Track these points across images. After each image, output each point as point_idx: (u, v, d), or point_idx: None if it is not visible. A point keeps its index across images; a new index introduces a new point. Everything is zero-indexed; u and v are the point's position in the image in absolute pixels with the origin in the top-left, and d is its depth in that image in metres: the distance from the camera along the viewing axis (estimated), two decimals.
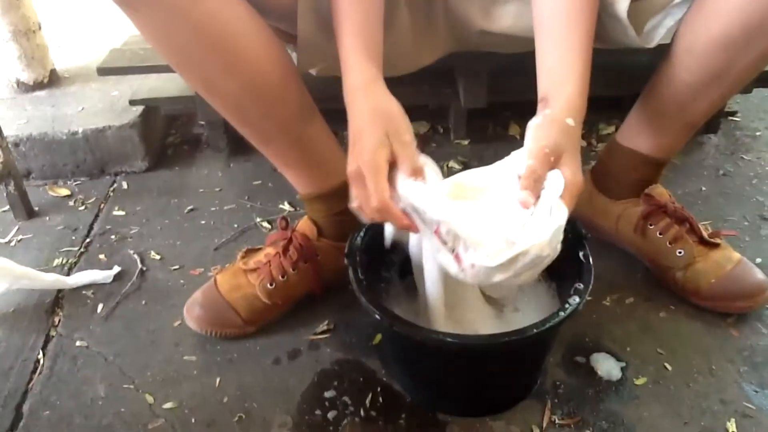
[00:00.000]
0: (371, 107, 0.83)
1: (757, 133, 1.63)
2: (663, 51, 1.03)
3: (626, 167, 1.14)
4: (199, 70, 0.89)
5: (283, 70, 0.93)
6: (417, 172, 0.80)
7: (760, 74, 1.13)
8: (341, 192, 1.05)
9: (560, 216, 0.77)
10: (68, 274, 1.24)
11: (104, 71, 1.41)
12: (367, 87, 0.84)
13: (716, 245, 1.10)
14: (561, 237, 0.77)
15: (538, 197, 0.78)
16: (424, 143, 1.61)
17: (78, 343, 1.09)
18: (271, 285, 1.07)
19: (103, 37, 1.85)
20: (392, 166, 0.80)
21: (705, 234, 1.10)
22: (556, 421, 0.93)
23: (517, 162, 0.81)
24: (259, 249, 1.13)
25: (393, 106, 0.83)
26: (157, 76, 1.53)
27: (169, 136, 1.70)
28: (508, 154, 0.84)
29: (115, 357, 1.07)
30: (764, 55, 0.92)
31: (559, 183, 0.78)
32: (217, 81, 0.89)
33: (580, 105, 0.85)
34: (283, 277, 1.07)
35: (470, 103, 1.45)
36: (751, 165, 1.51)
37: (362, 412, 0.95)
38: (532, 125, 0.82)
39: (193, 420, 0.96)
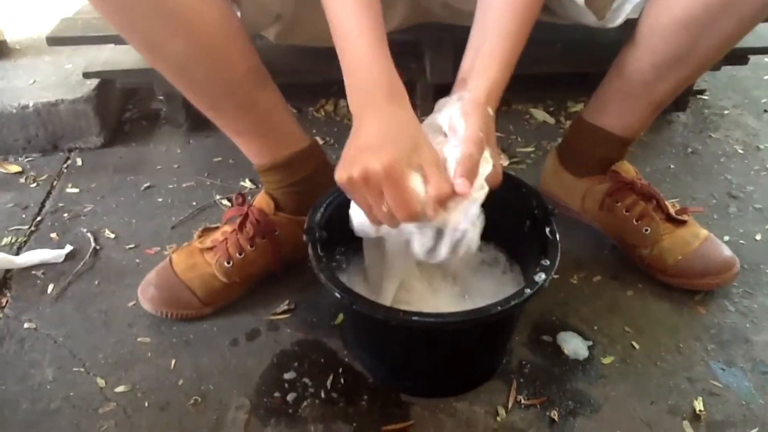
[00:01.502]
0: (395, 111, 0.78)
1: (725, 112, 1.62)
2: (631, 28, 1.00)
3: (591, 145, 1.12)
4: (142, 31, 0.84)
5: (227, 29, 0.88)
6: (444, 199, 0.76)
7: (728, 52, 1.13)
8: (296, 162, 1.03)
9: (481, 195, 0.79)
10: (17, 254, 1.18)
11: (54, 41, 1.35)
12: (393, 90, 0.79)
13: (683, 222, 1.09)
14: (477, 212, 0.79)
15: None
16: None
17: (26, 325, 1.04)
18: (228, 263, 1.03)
19: (57, 9, 1.78)
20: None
21: (672, 211, 1.09)
22: (522, 401, 0.91)
23: (443, 116, 0.82)
24: (216, 227, 1.10)
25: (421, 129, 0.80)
26: (113, 48, 1.48)
27: (126, 111, 1.64)
28: None
29: (65, 339, 1.02)
30: (727, 37, 0.91)
31: (487, 166, 0.80)
32: (160, 41, 0.84)
33: (499, 94, 0.85)
34: (240, 254, 1.04)
35: (437, 78, 1.41)
36: (719, 143, 1.50)
37: (323, 394, 0.93)
38: (457, 109, 0.81)
39: (146, 404, 0.92)
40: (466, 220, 0.77)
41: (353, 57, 0.79)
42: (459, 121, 0.79)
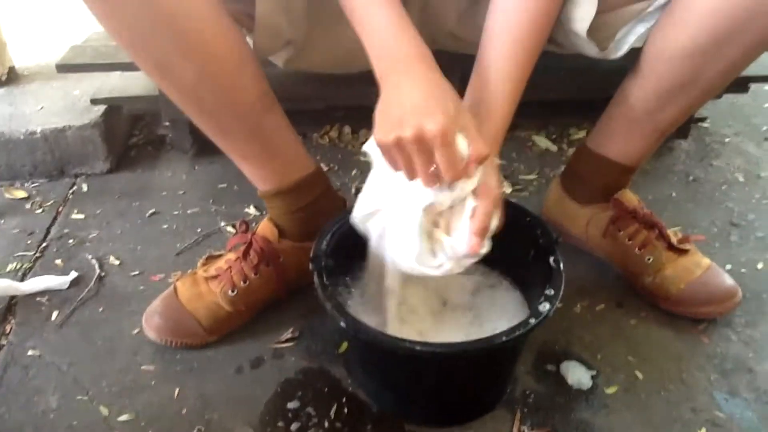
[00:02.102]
0: (434, 76, 0.78)
1: (727, 139, 1.63)
2: (635, 55, 1.02)
3: (595, 173, 1.13)
4: (153, 54, 0.84)
5: (239, 55, 0.89)
6: (482, 160, 0.78)
7: None
8: (301, 188, 1.04)
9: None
10: (22, 280, 1.19)
11: (64, 68, 1.36)
12: (427, 57, 0.80)
13: (685, 251, 1.09)
14: None
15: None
16: None
17: (30, 353, 1.04)
18: (232, 292, 1.03)
19: (65, 35, 1.80)
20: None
21: (674, 240, 1.09)
22: (526, 431, 0.91)
23: None
24: (220, 255, 1.10)
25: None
26: (120, 75, 1.49)
27: (132, 136, 1.65)
28: None
29: (69, 366, 1.02)
30: (732, 66, 0.92)
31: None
32: (171, 65, 0.85)
33: (500, 141, 0.88)
34: (244, 282, 1.04)
35: None
36: (720, 171, 1.51)
37: (326, 423, 0.92)
38: None
39: None
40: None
41: (377, 28, 0.80)
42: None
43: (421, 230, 0.81)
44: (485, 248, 0.80)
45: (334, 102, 1.45)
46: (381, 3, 0.80)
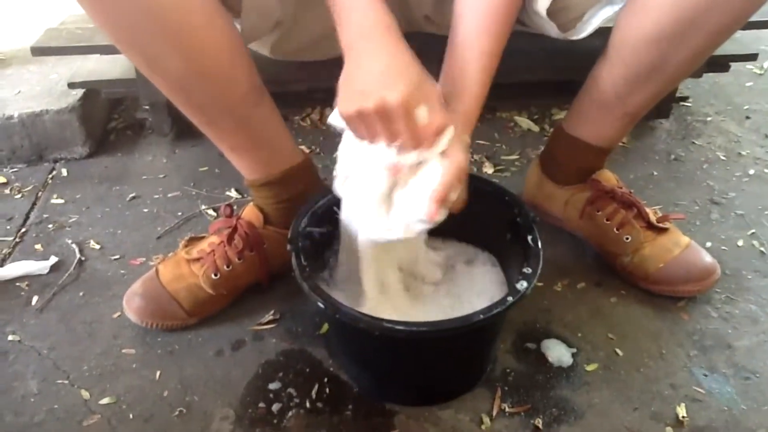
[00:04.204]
0: (398, 46, 0.78)
1: (708, 118, 1.63)
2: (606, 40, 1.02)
3: (570, 154, 1.13)
4: (143, 47, 0.83)
5: (231, 48, 0.88)
6: (440, 131, 0.78)
7: (710, 59, 1.13)
8: (289, 178, 1.03)
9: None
10: (1, 266, 1.18)
11: (39, 51, 1.34)
12: (392, 28, 0.78)
13: (664, 230, 1.09)
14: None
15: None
16: None
17: (10, 338, 1.04)
18: (215, 275, 1.03)
19: (43, 19, 1.77)
20: None
21: (653, 219, 1.10)
22: (506, 409, 0.92)
23: None
24: (203, 237, 1.09)
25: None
26: (98, 58, 1.47)
27: (111, 120, 1.63)
28: None
29: (50, 351, 1.02)
30: (697, 51, 0.92)
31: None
32: (161, 58, 0.83)
33: (475, 117, 0.88)
34: (228, 266, 1.04)
35: None
36: (701, 150, 1.51)
37: (308, 404, 0.93)
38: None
39: (130, 415, 0.92)
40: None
41: (348, 4, 0.79)
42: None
43: (380, 193, 0.82)
44: (440, 216, 0.80)
45: (315, 84, 1.44)
46: None
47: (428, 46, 1.32)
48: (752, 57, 1.50)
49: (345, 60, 0.79)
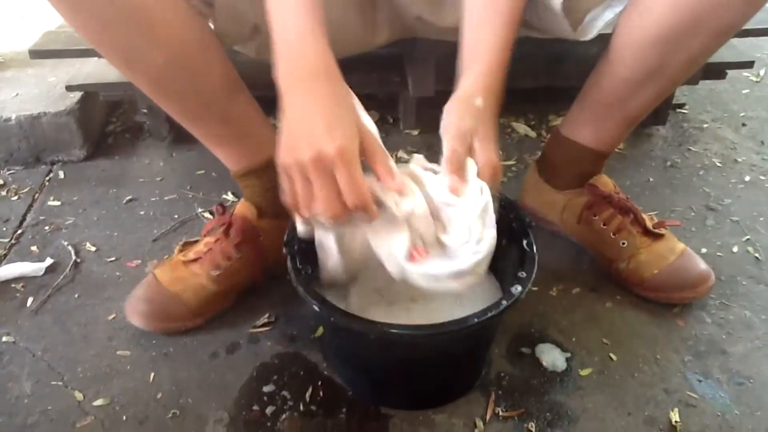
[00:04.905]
0: (337, 92, 0.76)
1: (704, 125, 1.64)
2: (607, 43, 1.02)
3: (568, 159, 1.14)
4: (121, 46, 0.85)
5: (203, 40, 0.90)
6: (389, 172, 0.76)
7: (707, 66, 1.14)
8: (273, 165, 1.03)
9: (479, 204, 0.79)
10: None
11: (37, 54, 1.35)
12: (332, 71, 0.76)
13: (660, 236, 1.10)
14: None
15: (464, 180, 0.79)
16: None
17: (4, 339, 1.04)
18: (216, 271, 1.04)
19: (41, 22, 1.78)
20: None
21: (650, 225, 1.10)
22: (500, 413, 0.92)
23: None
24: (196, 241, 1.10)
25: (355, 100, 0.78)
26: (97, 61, 1.47)
27: (109, 123, 1.64)
28: None
29: (44, 352, 1.02)
30: (697, 54, 0.92)
31: (471, 168, 0.81)
32: (138, 56, 0.85)
33: (490, 83, 0.85)
34: (227, 260, 1.04)
35: (418, 92, 1.42)
36: (698, 156, 1.51)
37: (302, 407, 0.93)
38: (445, 108, 0.82)
39: (124, 417, 0.92)
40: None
41: (288, 37, 0.76)
42: (442, 123, 0.80)
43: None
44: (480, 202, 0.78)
45: None
46: (297, 10, 0.76)
47: (426, 51, 1.35)
48: (748, 64, 1.51)
49: (283, 105, 0.76)
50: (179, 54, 0.87)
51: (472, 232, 0.79)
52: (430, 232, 0.81)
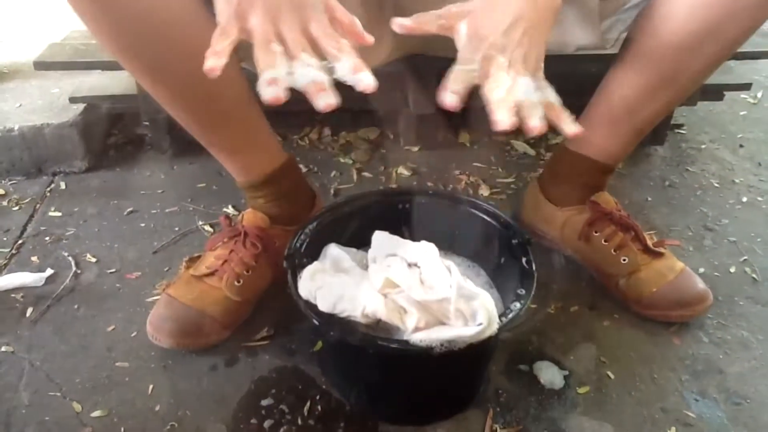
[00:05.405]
0: None
1: (702, 146, 1.65)
2: (609, 59, 1.03)
3: (574, 172, 1.14)
4: (147, 61, 0.86)
5: None
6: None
7: (705, 87, 1.15)
8: (285, 172, 1.09)
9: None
10: None
11: (42, 65, 1.36)
12: None
13: (660, 254, 1.10)
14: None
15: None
16: (373, 149, 1.60)
17: (3, 348, 1.04)
18: (238, 282, 1.04)
19: (46, 33, 1.79)
20: None
21: (650, 243, 1.11)
22: (498, 429, 0.92)
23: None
24: (200, 256, 1.10)
25: None
26: (100, 74, 1.49)
27: (111, 135, 1.64)
28: (457, 161, 0.83)
29: (43, 363, 1.02)
30: (712, 61, 0.94)
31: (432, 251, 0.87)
32: (164, 65, 0.86)
33: None
34: (247, 271, 1.05)
35: (419, 108, 1.43)
36: (696, 176, 1.53)
37: (299, 421, 0.93)
38: None
39: (122, 429, 0.92)
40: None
41: None
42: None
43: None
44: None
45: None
46: None
47: (427, 67, 1.36)
48: (746, 86, 1.53)
49: None
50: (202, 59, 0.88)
51: (465, 314, 0.80)
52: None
